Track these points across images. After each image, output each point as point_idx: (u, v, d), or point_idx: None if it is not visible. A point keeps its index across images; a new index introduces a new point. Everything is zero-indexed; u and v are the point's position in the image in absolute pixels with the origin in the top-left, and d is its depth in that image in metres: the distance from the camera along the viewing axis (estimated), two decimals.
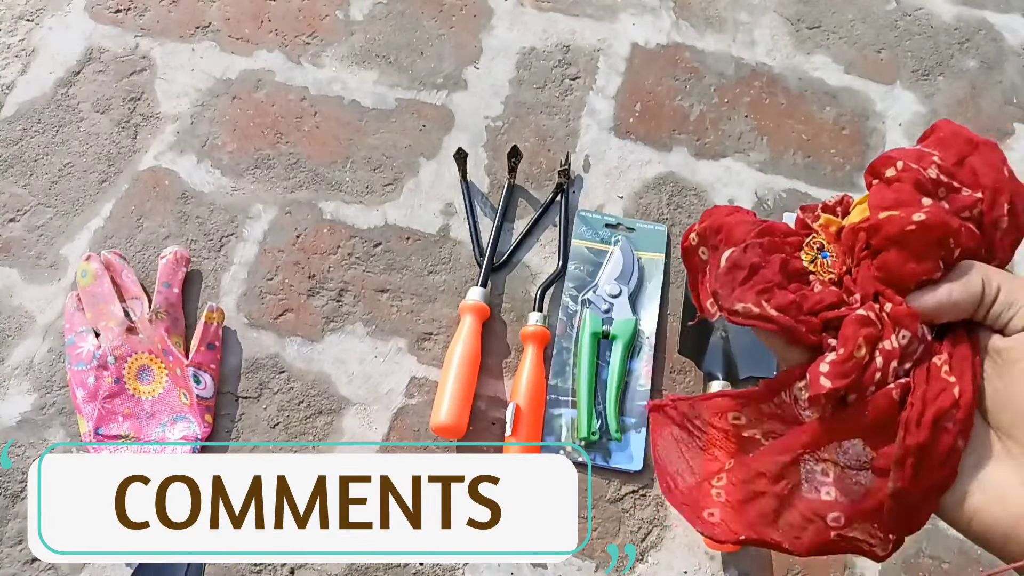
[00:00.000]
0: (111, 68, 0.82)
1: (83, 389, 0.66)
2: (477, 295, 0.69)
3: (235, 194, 0.76)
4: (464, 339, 0.67)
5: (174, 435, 0.65)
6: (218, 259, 0.73)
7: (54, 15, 0.85)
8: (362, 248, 0.74)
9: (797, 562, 0.62)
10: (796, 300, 0.31)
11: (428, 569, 0.62)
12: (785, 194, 0.77)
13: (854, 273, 0.31)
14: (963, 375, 0.29)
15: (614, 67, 0.83)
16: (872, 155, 0.80)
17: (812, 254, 0.33)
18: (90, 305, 0.68)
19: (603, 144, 0.79)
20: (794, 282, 0.32)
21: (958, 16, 0.88)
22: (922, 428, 0.28)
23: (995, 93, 0.84)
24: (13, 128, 0.79)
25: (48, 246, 0.73)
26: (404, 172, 0.78)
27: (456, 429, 0.64)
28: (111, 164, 0.77)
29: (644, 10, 0.87)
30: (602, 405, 0.66)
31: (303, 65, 0.83)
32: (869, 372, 0.29)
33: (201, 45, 0.84)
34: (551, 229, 0.75)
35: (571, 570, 0.62)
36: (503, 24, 0.85)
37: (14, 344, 0.69)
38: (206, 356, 0.67)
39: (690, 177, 0.78)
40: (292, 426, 0.67)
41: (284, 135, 0.79)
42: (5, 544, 0.62)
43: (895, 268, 0.30)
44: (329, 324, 0.71)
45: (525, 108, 0.81)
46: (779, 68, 0.84)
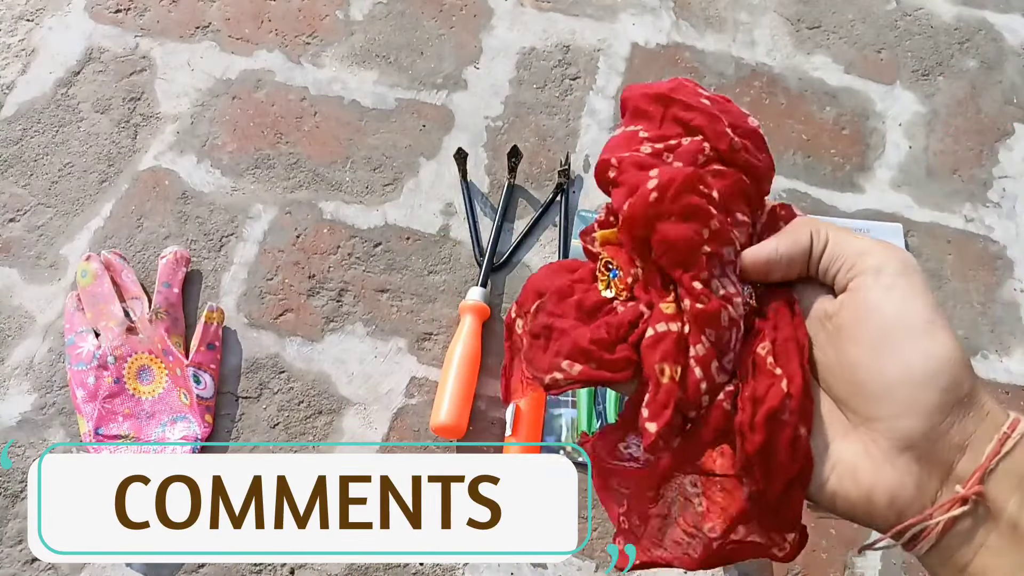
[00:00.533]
0: (111, 68, 0.82)
1: (83, 389, 0.66)
2: (477, 295, 0.69)
3: (235, 194, 0.76)
4: (464, 339, 0.67)
5: (174, 435, 0.65)
6: (218, 259, 0.73)
7: (54, 15, 0.85)
8: (362, 248, 0.74)
9: (797, 562, 0.62)
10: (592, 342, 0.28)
11: (428, 569, 0.62)
12: (785, 194, 0.77)
13: (643, 275, 0.29)
14: (790, 361, 0.27)
15: (614, 67, 0.83)
16: (872, 155, 0.80)
17: (605, 277, 0.30)
18: (90, 305, 0.68)
19: (603, 144, 0.79)
20: (597, 317, 0.29)
21: (958, 16, 0.88)
22: (757, 430, 0.26)
23: (995, 93, 0.84)
24: (13, 128, 0.79)
25: (48, 246, 0.73)
26: (404, 172, 0.78)
27: (456, 429, 0.64)
28: (111, 164, 0.77)
29: (644, 10, 0.87)
30: (602, 405, 0.66)
31: (303, 65, 0.83)
32: (691, 387, 0.27)
33: (201, 45, 0.84)
34: (551, 229, 0.75)
35: (571, 570, 0.62)
36: (503, 24, 0.85)
37: (14, 344, 0.69)
38: (206, 356, 0.67)
39: None
40: (292, 426, 0.67)
41: (284, 135, 0.79)
42: (5, 544, 0.62)
43: (669, 244, 0.28)
44: (329, 324, 0.71)
45: (525, 108, 0.81)
46: (779, 68, 0.84)
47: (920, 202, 0.77)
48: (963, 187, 0.78)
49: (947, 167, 0.79)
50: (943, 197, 0.78)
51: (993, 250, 0.75)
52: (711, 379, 0.27)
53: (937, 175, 0.79)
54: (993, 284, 0.74)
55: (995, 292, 0.73)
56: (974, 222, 0.77)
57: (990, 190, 0.78)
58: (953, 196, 0.78)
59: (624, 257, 0.30)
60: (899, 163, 0.79)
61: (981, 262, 0.75)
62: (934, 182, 0.79)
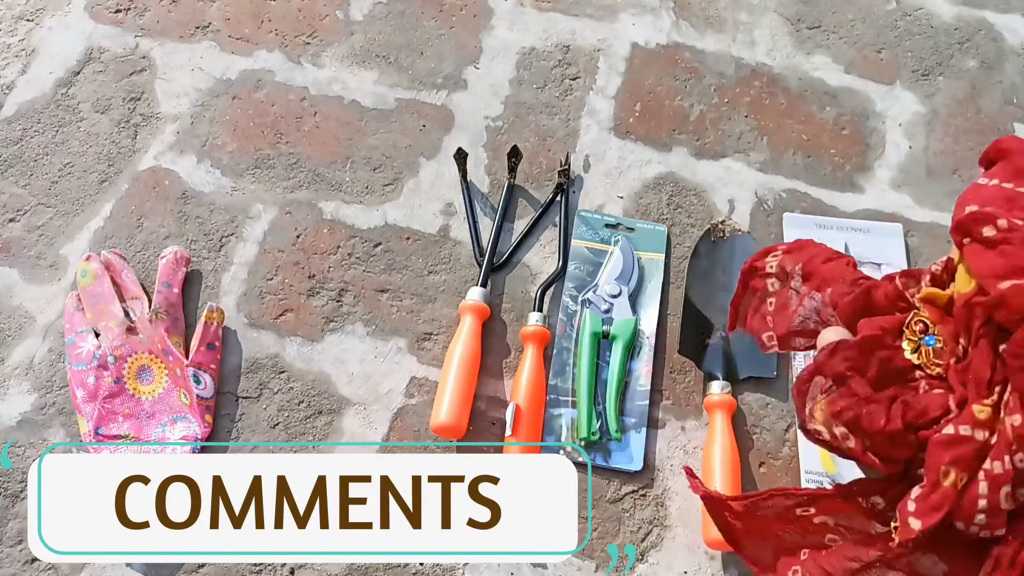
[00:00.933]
0: (111, 68, 0.82)
1: (83, 389, 0.66)
2: (477, 295, 0.69)
3: (235, 194, 0.76)
4: (464, 339, 0.67)
5: (174, 435, 0.65)
6: (218, 259, 0.73)
7: (54, 15, 0.85)
8: (362, 248, 0.74)
9: (797, 562, 0.62)
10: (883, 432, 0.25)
11: (428, 569, 0.62)
12: (785, 194, 0.77)
13: (969, 355, 0.25)
14: None
15: (614, 67, 0.83)
16: (872, 155, 0.80)
17: (915, 340, 0.27)
18: (90, 305, 0.68)
19: (603, 144, 0.79)
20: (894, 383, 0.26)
21: (958, 16, 0.88)
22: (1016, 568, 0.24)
23: (995, 93, 0.84)
24: (13, 128, 0.79)
25: (48, 246, 0.73)
26: (404, 172, 0.78)
27: (456, 429, 0.64)
28: (111, 164, 0.77)
29: (644, 10, 0.87)
30: (602, 405, 0.66)
31: (303, 65, 0.83)
32: (969, 501, 0.24)
33: (201, 45, 0.84)
34: (551, 229, 0.75)
35: (571, 570, 0.62)
36: (503, 24, 0.85)
37: (14, 344, 0.69)
38: (206, 356, 0.67)
39: (690, 177, 0.78)
40: (292, 426, 0.67)
41: (284, 135, 0.79)
42: (5, 544, 0.62)
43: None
44: (329, 324, 0.71)
45: (525, 108, 0.81)
46: (779, 68, 0.84)
47: (920, 202, 0.77)
48: (963, 187, 0.78)
49: (947, 167, 0.79)
50: (943, 197, 0.78)
51: None
52: (994, 503, 0.24)
53: (937, 175, 0.79)
54: None
55: None
56: None
57: None
58: (953, 196, 0.77)
59: (949, 330, 0.26)
60: (899, 163, 0.79)
61: None
62: (934, 182, 0.79)
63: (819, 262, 0.31)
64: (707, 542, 0.61)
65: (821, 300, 0.31)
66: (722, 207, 0.77)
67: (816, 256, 0.31)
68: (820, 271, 0.30)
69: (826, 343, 0.29)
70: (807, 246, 0.31)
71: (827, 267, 0.30)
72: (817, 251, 0.31)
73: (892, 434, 0.25)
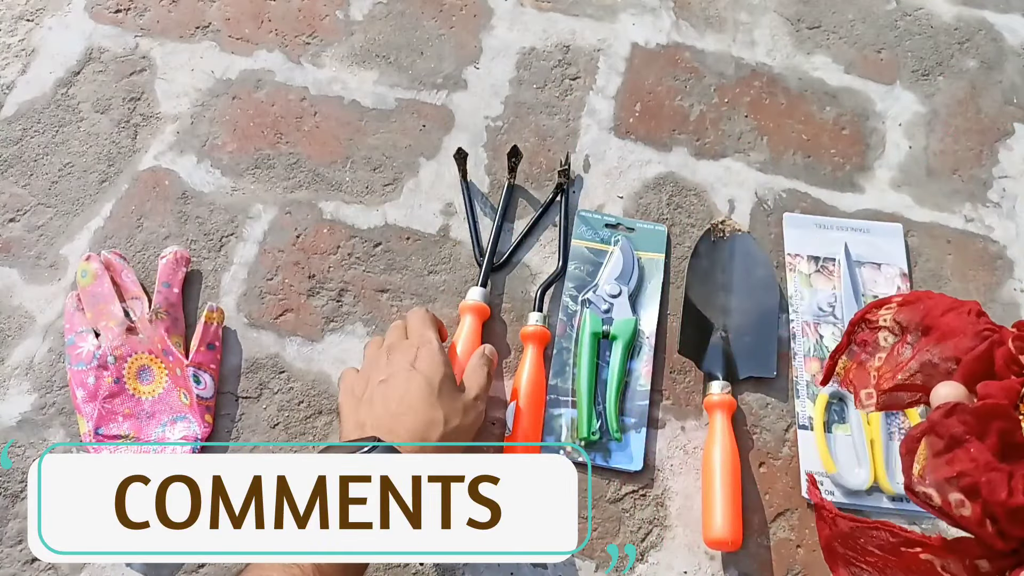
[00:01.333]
0: (111, 68, 0.82)
1: (83, 389, 0.66)
2: (477, 295, 0.69)
3: (235, 194, 0.76)
4: (464, 339, 0.67)
5: (174, 435, 0.65)
6: (218, 259, 0.73)
7: (54, 15, 0.85)
8: (362, 248, 0.74)
9: (797, 562, 0.62)
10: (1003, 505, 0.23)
11: (428, 569, 0.62)
12: (785, 194, 0.77)
13: None
14: None
15: (614, 67, 0.83)
16: (872, 155, 0.80)
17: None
18: (90, 305, 0.68)
19: (603, 144, 0.79)
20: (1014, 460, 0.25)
21: (958, 16, 0.88)
22: None
23: (995, 93, 0.84)
24: (13, 128, 0.79)
25: (48, 246, 0.74)
26: (404, 172, 0.78)
27: None
28: (111, 164, 0.77)
29: (644, 10, 0.87)
30: (602, 405, 0.66)
31: (303, 65, 0.83)
32: None
33: (201, 45, 0.84)
34: (551, 229, 0.75)
35: (571, 570, 0.62)
36: (503, 24, 0.85)
37: (14, 344, 0.69)
38: (206, 356, 0.67)
39: (690, 177, 0.78)
40: (292, 426, 0.67)
41: (284, 135, 0.79)
42: (5, 544, 0.62)
43: None
44: (329, 324, 0.71)
45: (525, 108, 0.81)
46: (779, 68, 0.84)
47: (920, 202, 0.77)
48: (963, 187, 0.79)
49: (947, 167, 0.80)
50: (943, 197, 0.78)
51: (993, 250, 0.75)
52: None
53: (937, 175, 0.79)
54: (993, 284, 0.74)
55: (995, 292, 0.73)
56: (974, 222, 0.77)
57: (990, 190, 0.78)
58: (953, 196, 0.78)
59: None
60: (899, 163, 0.79)
61: (981, 262, 0.75)
62: (934, 182, 0.79)
63: (938, 314, 0.29)
64: (707, 542, 0.61)
65: (939, 354, 0.29)
66: (722, 207, 0.77)
67: (935, 307, 0.30)
68: (940, 324, 0.29)
69: (941, 400, 0.27)
70: (924, 298, 0.30)
71: (947, 319, 0.29)
72: (936, 302, 0.30)
73: (1015, 509, 0.24)
